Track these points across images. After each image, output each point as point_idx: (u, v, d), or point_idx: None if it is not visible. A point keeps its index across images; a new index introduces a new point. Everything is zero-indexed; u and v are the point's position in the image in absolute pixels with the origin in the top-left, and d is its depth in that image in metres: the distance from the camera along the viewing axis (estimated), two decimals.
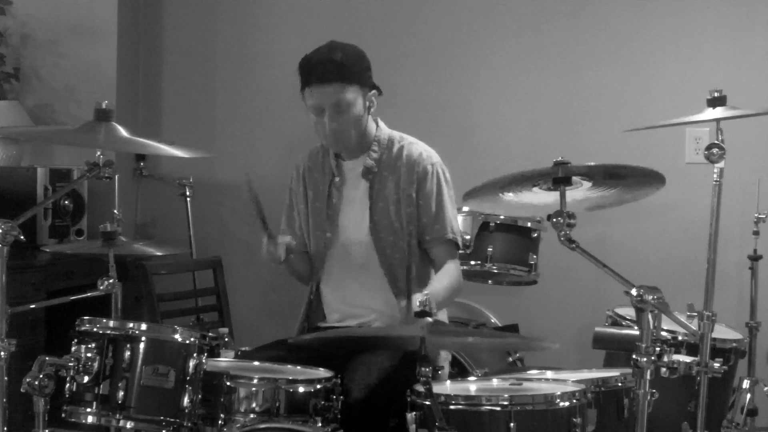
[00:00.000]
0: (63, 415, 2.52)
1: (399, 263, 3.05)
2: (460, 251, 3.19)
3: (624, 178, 2.66)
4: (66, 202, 4.30)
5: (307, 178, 3.20)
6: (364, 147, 3.10)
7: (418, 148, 3.11)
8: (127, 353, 2.49)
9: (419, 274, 3.04)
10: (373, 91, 3.05)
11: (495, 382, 2.67)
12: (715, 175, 2.93)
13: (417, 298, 2.41)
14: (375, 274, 3.07)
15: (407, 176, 3.06)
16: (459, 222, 3.33)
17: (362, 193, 3.10)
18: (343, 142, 3.04)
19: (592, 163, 2.53)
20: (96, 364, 2.48)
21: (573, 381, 2.60)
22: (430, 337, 2.37)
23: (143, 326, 2.54)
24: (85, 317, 2.56)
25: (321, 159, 3.19)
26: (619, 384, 2.64)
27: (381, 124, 3.15)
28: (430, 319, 2.36)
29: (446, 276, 3.02)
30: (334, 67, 2.93)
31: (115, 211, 3.35)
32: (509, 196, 2.72)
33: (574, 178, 2.57)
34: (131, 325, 2.54)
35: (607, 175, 2.64)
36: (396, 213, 3.06)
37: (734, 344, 3.35)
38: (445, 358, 3.11)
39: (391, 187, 3.07)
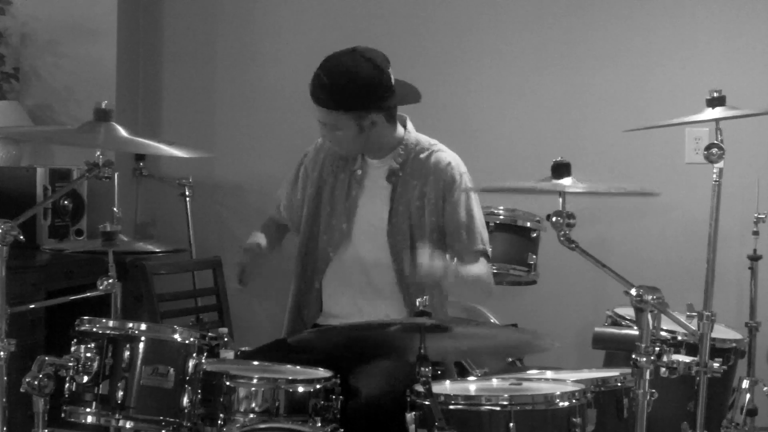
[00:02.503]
0: (63, 415, 2.52)
1: (411, 266, 3.01)
2: None
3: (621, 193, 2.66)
4: (66, 202, 4.30)
5: (327, 165, 3.15)
6: (390, 148, 3.07)
7: (446, 156, 3.07)
8: (127, 353, 2.49)
9: None
10: (373, 114, 2.93)
11: (495, 382, 2.67)
12: (714, 175, 2.93)
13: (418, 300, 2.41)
14: (385, 275, 3.05)
15: (434, 184, 3.02)
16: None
17: (384, 193, 3.06)
18: (343, 152, 3.07)
19: (590, 189, 2.52)
20: (96, 364, 2.48)
21: (573, 381, 2.60)
22: (430, 342, 2.37)
23: (143, 326, 2.54)
24: (85, 317, 2.56)
25: None
26: (619, 384, 2.63)
27: (409, 126, 3.11)
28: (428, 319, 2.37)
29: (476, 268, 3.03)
30: (321, 92, 2.90)
31: (115, 210, 3.35)
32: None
33: (574, 175, 2.57)
34: (131, 325, 2.54)
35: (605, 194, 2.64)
36: (417, 218, 3.03)
37: (734, 344, 3.35)
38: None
39: (415, 193, 3.03)
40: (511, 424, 2.36)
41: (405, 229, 3.03)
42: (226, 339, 2.63)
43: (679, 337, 3.18)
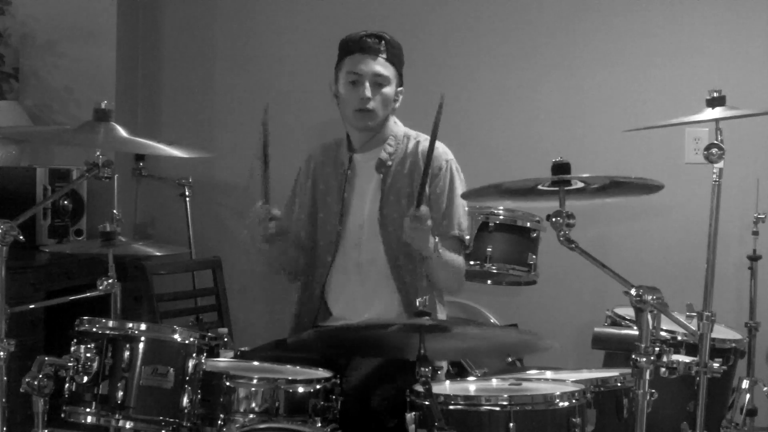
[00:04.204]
0: (62, 415, 2.52)
1: (405, 259, 3.05)
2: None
3: (622, 185, 2.65)
4: (65, 202, 4.30)
5: (318, 172, 3.20)
6: (380, 140, 3.11)
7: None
8: (127, 353, 2.49)
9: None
10: (401, 88, 3.12)
11: (494, 382, 2.67)
12: (714, 175, 2.93)
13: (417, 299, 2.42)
14: (381, 270, 3.07)
15: (420, 172, 3.06)
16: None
17: (374, 186, 3.10)
18: (371, 116, 3.06)
19: (591, 175, 2.51)
20: (95, 364, 2.48)
21: (572, 381, 2.60)
22: (430, 342, 2.37)
23: (142, 326, 2.54)
24: (85, 317, 2.56)
25: (334, 152, 3.20)
26: (619, 384, 2.64)
27: (398, 121, 3.18)
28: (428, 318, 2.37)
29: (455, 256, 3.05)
30: (382, 43, 3.04)
31: (115, 211, 3.35)
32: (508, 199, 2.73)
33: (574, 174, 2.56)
34: (130, 325, 2.54)
35: (606, 185, 2.63)
36: (407, 208, 3.05)
37: (733, 344, 3.35)
38: None
39: (403, 183, 3.08)
40: (511, 425, 2.36)
41: (396, 218, 3.04)
42: (226, 339, 2.63)
43: (679, 337, 3.18)
